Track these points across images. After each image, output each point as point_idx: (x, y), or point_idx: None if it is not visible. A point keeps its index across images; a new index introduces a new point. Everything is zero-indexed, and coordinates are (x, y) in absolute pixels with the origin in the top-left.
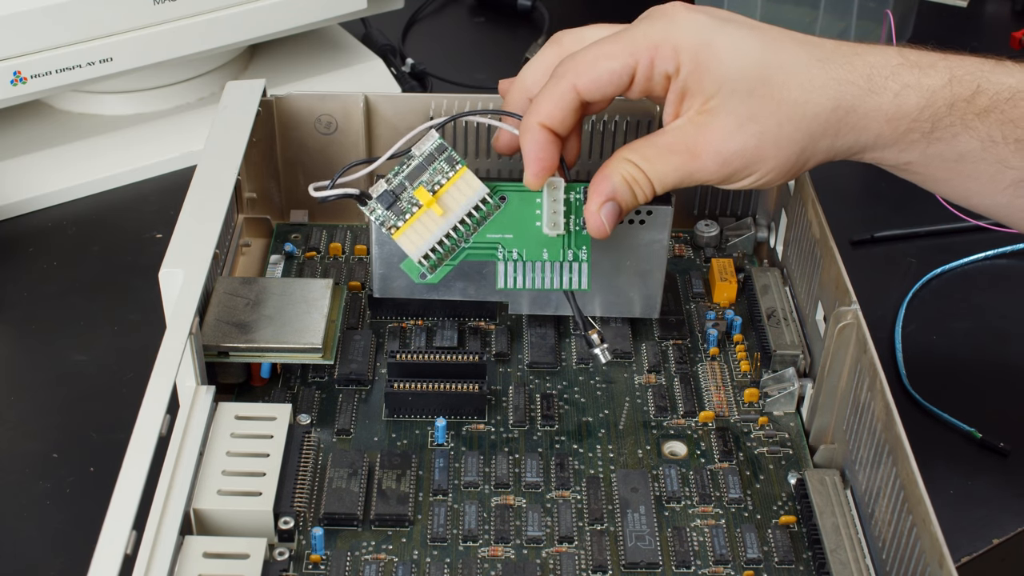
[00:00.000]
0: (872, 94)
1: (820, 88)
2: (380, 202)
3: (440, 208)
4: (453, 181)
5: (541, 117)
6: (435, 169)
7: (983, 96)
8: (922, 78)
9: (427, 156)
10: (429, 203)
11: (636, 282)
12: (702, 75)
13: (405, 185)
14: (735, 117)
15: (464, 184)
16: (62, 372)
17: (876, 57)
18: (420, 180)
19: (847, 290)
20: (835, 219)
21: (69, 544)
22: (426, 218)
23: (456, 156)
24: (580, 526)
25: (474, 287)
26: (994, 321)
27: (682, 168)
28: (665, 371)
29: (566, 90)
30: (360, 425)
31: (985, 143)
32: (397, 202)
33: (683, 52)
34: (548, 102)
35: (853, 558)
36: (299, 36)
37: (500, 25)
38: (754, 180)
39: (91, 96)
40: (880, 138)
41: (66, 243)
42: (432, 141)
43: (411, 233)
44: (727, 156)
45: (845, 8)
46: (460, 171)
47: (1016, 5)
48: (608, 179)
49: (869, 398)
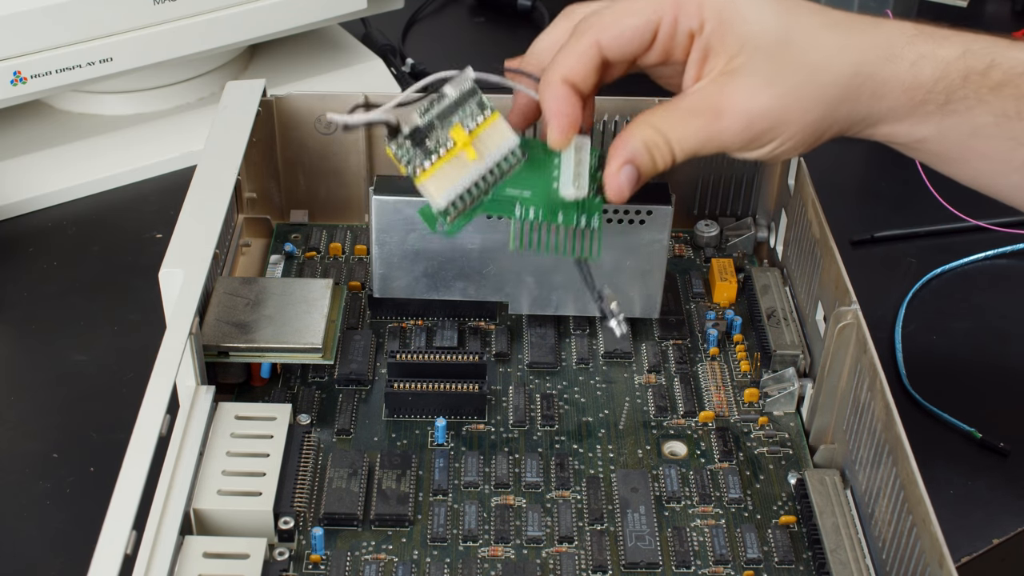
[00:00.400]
0: (889, 62)
1: (839, 52)
2: (411, 138)
3: (474, 151)
4: (484, 126)
5: (564, 71)
6: (466, 111)
7: (997, 70)
8: (937, 49)
9: (460, 97)
10: (464, 144)
11: (636, 282)
12: (725, 32)
13: (435, 124)
14: (760, 76)
15: (495, 131)
16: (62, 372)
17: (892, 27)
18: (451, 121)
19: (847, 290)
20: (835, 219)
21: (69, 544)
22: (457, 162)
23: (487, 101)
24: (580, 526)
25: (474, 287)
26: (994, 321)
27: (704, 130)
28: (665, 371)
29: (589, 45)
30: (360, 425)
31: (999, 118)
32: (426, 141)
33: (707, 8)
34: (570, 57)
35: (853, 558)
36: (299, 36)
37: (500, 25)
38: (775, 147)
39: (91, 96)
40: (896, 108)
41: (66, 243)
42: (467, 82)
43: (439, 176)
44: (752, 116)
45: (845, 8)
46: (492, 117)
47: (1016, 5)
48: (627, 143)
49: (869, 398)
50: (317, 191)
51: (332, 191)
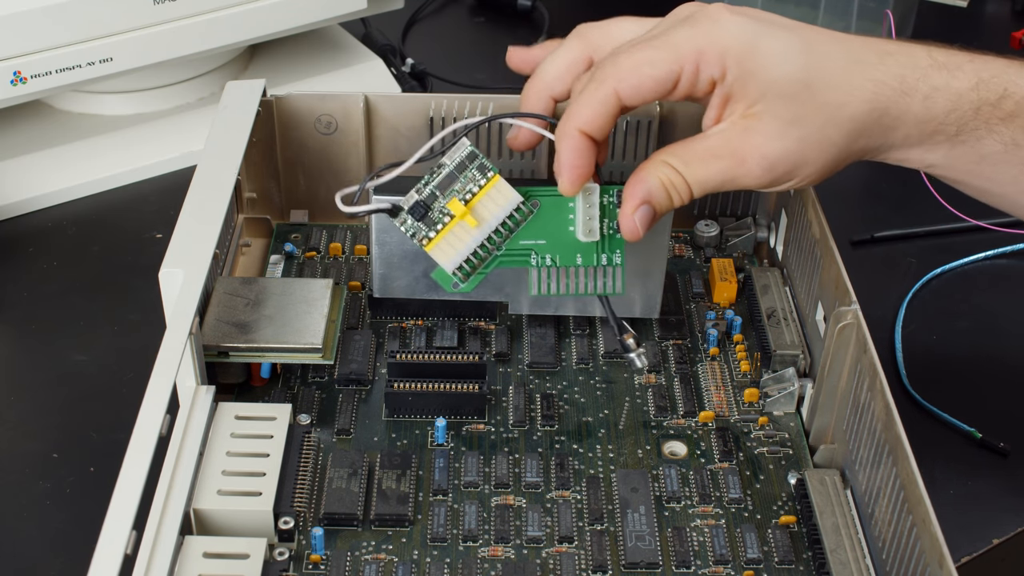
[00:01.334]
0: (904, 96)
1: (858, 90)
2: (411, 214)
3: (474, 219)
4: (486, 190)
5: (581, 123)
6: (467, 177)
7: (1009, 100)
8: (951, 80)
9: (458, 164)
10: (463, 214)
11: (636, 282)
12: (747, 80)
13: (436, 195)
14: (780, 121)
15: (497, 193)
16: (62, 372)
17: (906, 58)
18: (452, 189)
19: (847, 290)
20: (835, 219)
21: (69, 544)
22: (459, 229)
23: (488, 164)
24: (580, 526)
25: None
26: (994, 321)
27: (726, 172)
28: (665, 371)
29: (607, 95)
30: (360, 425)
31: (1008, 146)
32: (429, 213)
33: (729, 58)
34: (588, 108)
35: (853, 558)
36: (299, 36)
37: (500, 25)
38: (794, 183)
39: (91, 96)
40: (908, 139)
41: (66, 243)
42: (464, 149)
43: (444, 245)
44: (773, 160)
45: (845, 8)
46: (493, 179)
47: (1016, 5)
48: (644, 182)
49: (869, 398)
50: (317, 191)
51: (332, 191)
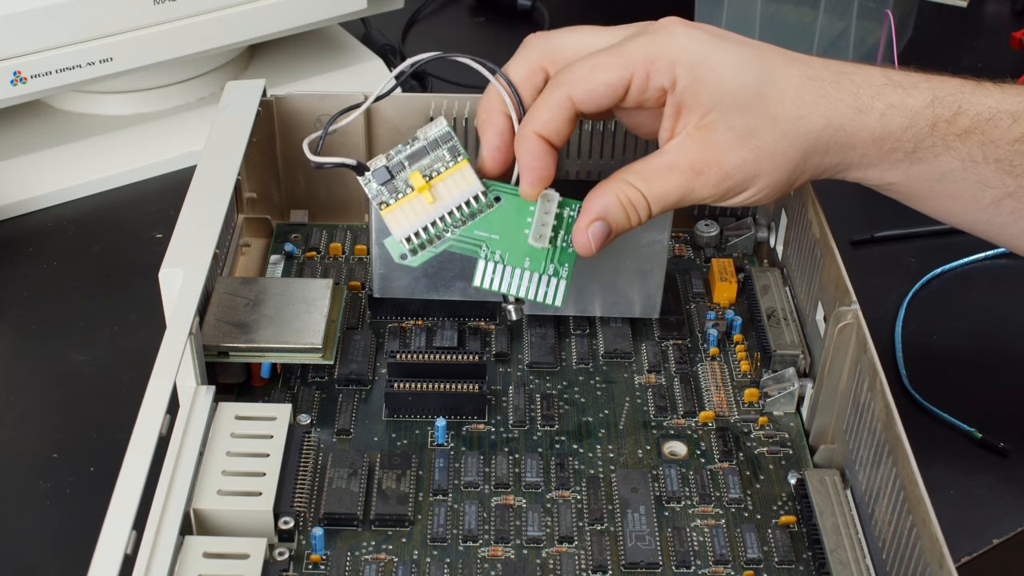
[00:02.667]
0: (860, 113)
1: (811, 105)
2: (375, 177)
3: (431, 196)
4: (451, 172)
5: (537, 126)
6: (436, 156)
7: (964, 117)
8: (906, 98)
9: (431, 142)
10: (421, 189)
11: (636, 282)
12: (699, 89)
13: (404, 165)
14: (734, 132)
15: (460, 177)
16: (62, 372)
17: (862, 76)
18: (418, 164)
19: (847, 290)
20: (835, 219)
21: (69, 544)
22: (416, 202)
23: (460, 148)
24: (580, 526)
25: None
26: (994, 321)
27: (683, 186)
28: (665, 371)
29: (561, 99)
30: (360, 425)
31: (966, 163)
32: (392, 180)
33: (680, 66)
34: (544, 111)
35: (853, 558)
36: (299, 36)
37: (500, 25)
38: (747, 197)
39: (91, 96)
40: (865, 157)
41: (66, 243)
42: (439, 128)
43: (398, 213)
44: (728, 170)
45: (845, 8)
46: (460, 164)
47: (1016, 5)
48: (601, 198)
49: (869, 398)
50: (317, 191)
51: (332, 191)
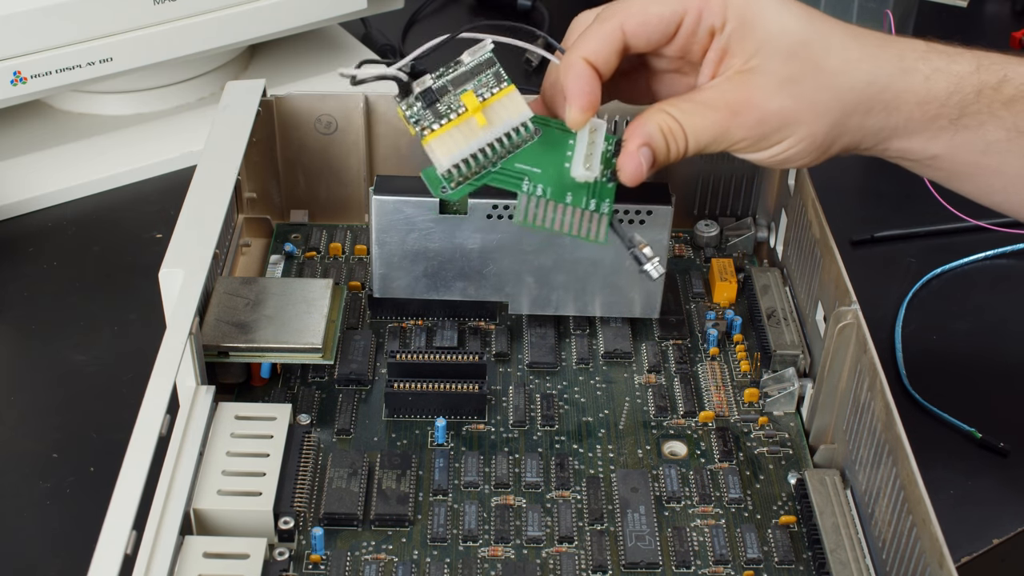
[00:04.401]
0: (905, 74)
1: (856, 61)
2: (422, 98)
3: (484, 118)
4: (498, 96)
5: (586, 52)
6: (481, 81)
7: (1009, 85)
8: (951, 64)
9: (475, 66)
10: (475, 110)
11: (636, 282)
12: (746, 33)
13: (448, 88)
14: (775, 77)
15: (509, 102)
16: (62, 372)
17: (906, 43)
18: (466, 87)
19: (847, 290)
20: (835, 219)
21: (69, 544)
22: (465, 127)
23: (504, 74)
24: (580, 526)
25: (474, 287)
26: (994, 321)
27: (719, 124)
28: (665, 371)
29: (613, 28)
30: (360, 425)
31: (1011, 133)
32: (437, 103)
33: (730, 8)
34: (594, 39)
35: (853, 558)
36: (299, 36)
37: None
38: (783, 149)
39: (91, 96)
40: (910, 122)
41: (66, 243)
42: (484, 52)
43: (446, 139)
44: (765, 113)
45: (845, 8)
46: (507, 89)
47: (1016, 5)
48: (645, 126)
49: (869, 398)
50: (317, 191)
51: (332, 191)
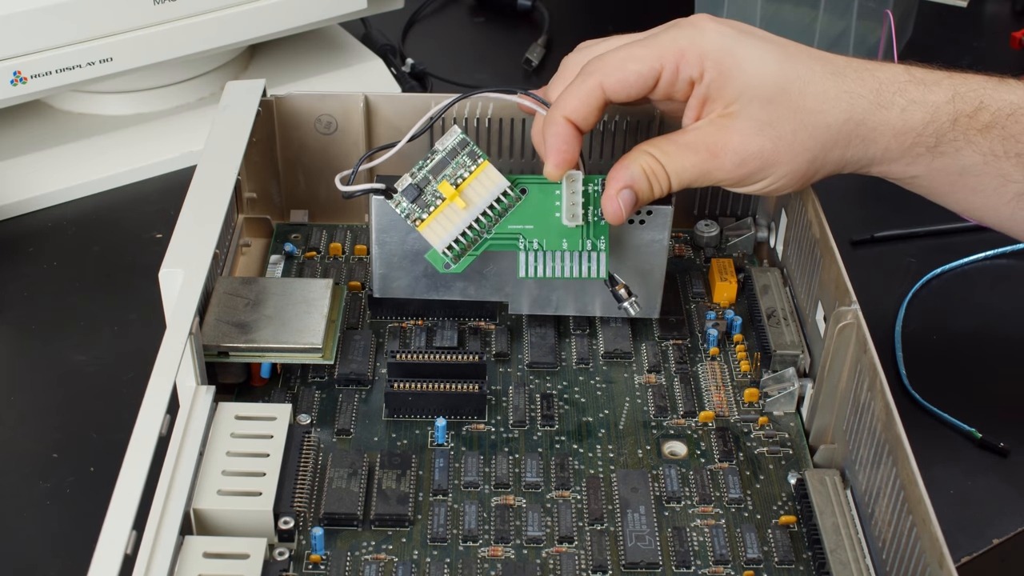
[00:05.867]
0: (881, 108)
1: (833, 100)
2: (405, 196)
3: (463, 201)
4: (475, 175)
5: (567, 111)
6: (457, 163)
7: (985, 112)
8: (927, 94)
9: (450, 151)
10: (452, 196)
11: (636, 282)
12: (725, 82)
13: (429, 179)
14: (754, 121)
15: (486, 178)
16: (62, 372)
17: (885, 73)
18: (444, 174)
19: (847, 290)
20: (835, 219)
21: (69, 544)
22: (449, 211)
23: (478, 151)
24: (580, 526)
25: (474, 287)
26: (994, 321)
27: (700, 166)
28: (665, 371)
29: (593, 87)
30: (360, 425)
31: (987, 157)
32: (421, 195)
33: (708, 59)
34: (574, 98)
35: (853, 558)
36: (299, 36)
37: (500, 25)
38: (766, 184)
39: (91, 96)
40: (887, 152)
41: (66, 243)
42: (455, 136)
43: (435, 225)
44: (745, 156)
45: (845, 8)
46: (482, 165)
47: (1016, 5)
48: (627, 168)
49: (869, 398)
50: (317, 191)
51: (332, 191)
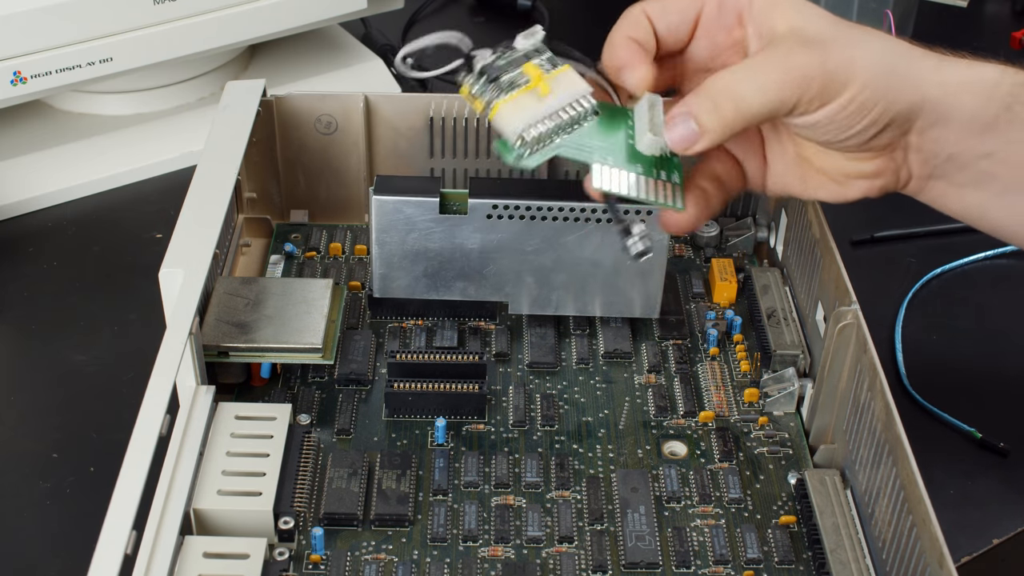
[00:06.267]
0: (945, 60)
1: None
2: (486, 72)
3: (547, 87)
4: (556, 74)
5: (623, 31)
6: (538, 62)
7: None
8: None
9: (531, 50)
10: (538, 79)
11: (636, 282)
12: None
13: (508, 67)
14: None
15: (567, 79)
16: (62, 372)
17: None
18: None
19: (847, 290)
20: (835, 219)
21: (69, 544)
22: (529, 97)
23: (556, 59)
24: (580, 526)
25: (474, 287)
26: (994, 321)
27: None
28: (665, 371)
29: (638, 14)
30: (360, 425)
31: None
32: (499, 78)
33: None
34: (624, 22)
35: (853, 558)
36: (299, 36)
37: (500, 25)
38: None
39: (91, 96)
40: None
41: (66, 243)
42: (536, 37)
43: (514, 107)
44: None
45: (845, 8)
46: (563, 67)
47: (1016, 5)
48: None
49: (869, 398)
50: (317, 191)
51: (332, 191)
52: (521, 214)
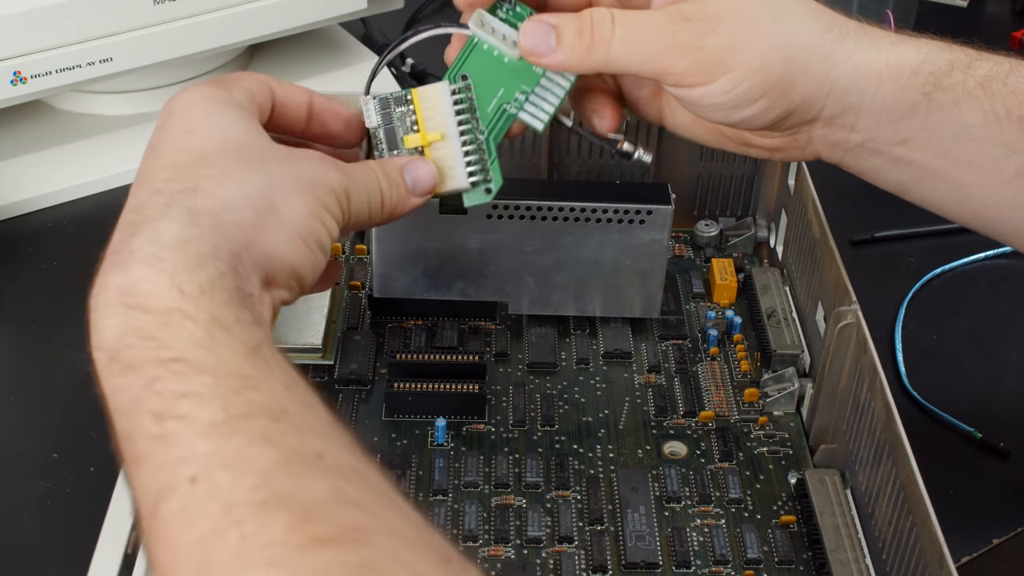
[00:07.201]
0: (870, 37)
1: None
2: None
3: (436, 133)
4: (420, 109)
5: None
6: (397, 116)
7: (982, 64)
8: (917, 40)
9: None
10: (424, 140)
11: (636, 282)
12: None
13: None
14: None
15: (428, 101)
16: (62, 372)
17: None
18: (399, 136)
19: (847, 290)
20: (835, 219)
21: (69, 544)
22: (437, 153)
23: (399, 92)
24: (580, 526)
25: (474, 287)
26: (994, 321)
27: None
28: (665, 371)
29: None
30: (360, 425)
31: (988, 118)
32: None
33: None
34: None
35: (853, 558)
36: (299, 36)
37: None
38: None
39: (91, 96)
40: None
41: (66, 243)
42: (371, 103)
43: (445, 175)
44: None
45: (845, 8)
46: (414, 96)
47: (1016, 5)
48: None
49: (869, 398)
50: None
51: None
52: (521, 214)
